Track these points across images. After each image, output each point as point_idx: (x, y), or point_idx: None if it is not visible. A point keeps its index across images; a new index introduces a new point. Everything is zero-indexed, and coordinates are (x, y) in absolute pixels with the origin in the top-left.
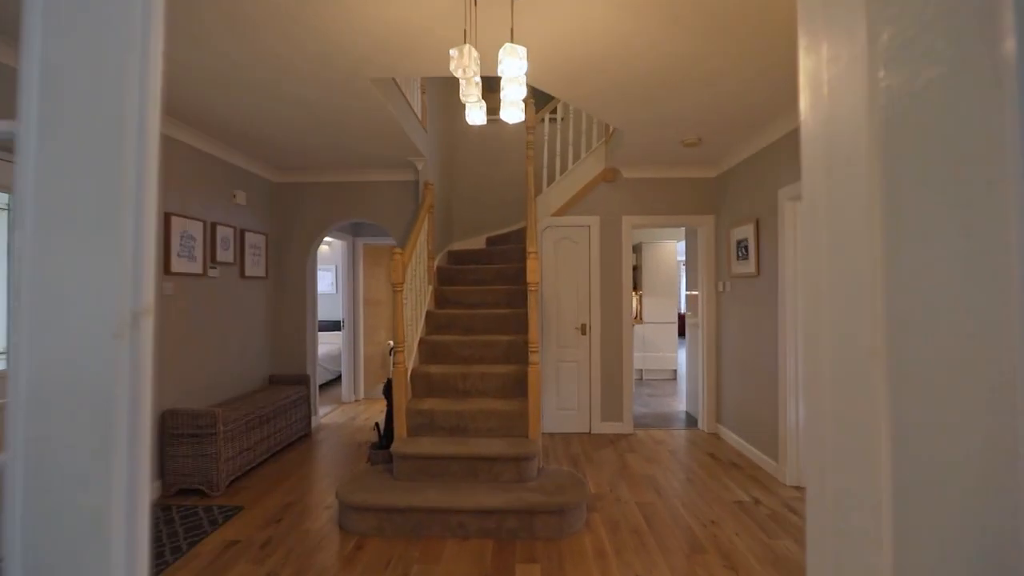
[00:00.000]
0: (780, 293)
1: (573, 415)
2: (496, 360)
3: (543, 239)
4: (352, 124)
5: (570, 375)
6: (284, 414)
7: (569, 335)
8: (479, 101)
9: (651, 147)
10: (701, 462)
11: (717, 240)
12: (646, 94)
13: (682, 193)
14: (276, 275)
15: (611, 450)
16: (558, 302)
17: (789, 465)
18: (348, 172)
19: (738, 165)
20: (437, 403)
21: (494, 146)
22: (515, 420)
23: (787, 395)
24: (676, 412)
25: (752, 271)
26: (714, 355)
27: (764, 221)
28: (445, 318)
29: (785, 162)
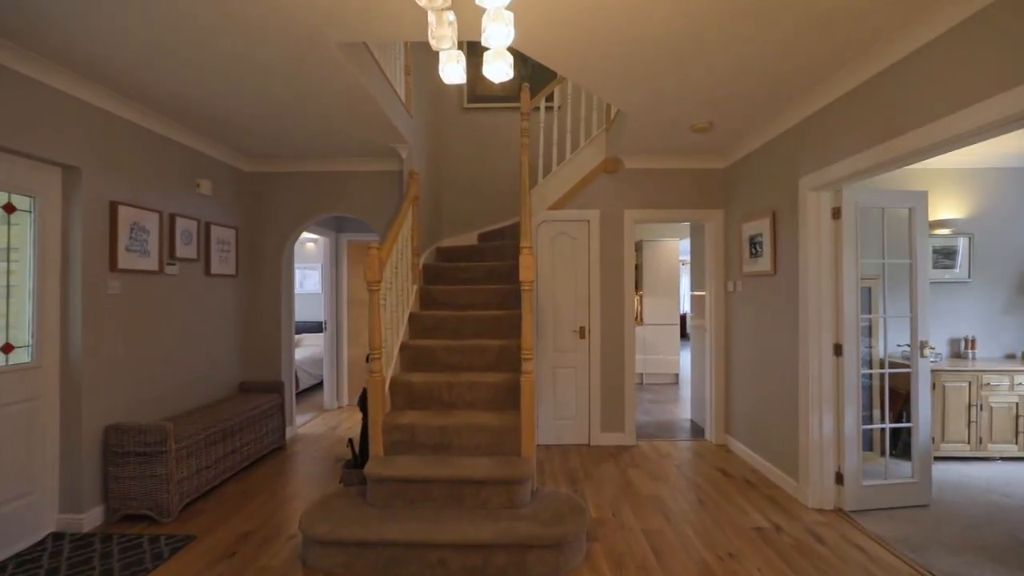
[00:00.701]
0: (801, 294)
1: (571, 425)
2: (486, 367)
3: (538, 234)
4: (324, 101)
5: (567, 382)
6: (253, 426)
7: (566, 339)
8: (455, 50)
9: (656, 133)
10: (711, 479)
11: (727, 236)
12: (653, 64)
13: (689, 185)
14: (248, 273)
15: (612, 465)
16: (555, 303)
17: (812, 485)
18: (327, 161)
19: (751, 154)
20: (419, 416)
21: (486, 136)
22: (506, 436)
23: (810, 407)
24: (680, 420)
25: (767, 269)
26: (723, 360)
27: (782, 214)
28: (431, 320)
29: (809, 146)
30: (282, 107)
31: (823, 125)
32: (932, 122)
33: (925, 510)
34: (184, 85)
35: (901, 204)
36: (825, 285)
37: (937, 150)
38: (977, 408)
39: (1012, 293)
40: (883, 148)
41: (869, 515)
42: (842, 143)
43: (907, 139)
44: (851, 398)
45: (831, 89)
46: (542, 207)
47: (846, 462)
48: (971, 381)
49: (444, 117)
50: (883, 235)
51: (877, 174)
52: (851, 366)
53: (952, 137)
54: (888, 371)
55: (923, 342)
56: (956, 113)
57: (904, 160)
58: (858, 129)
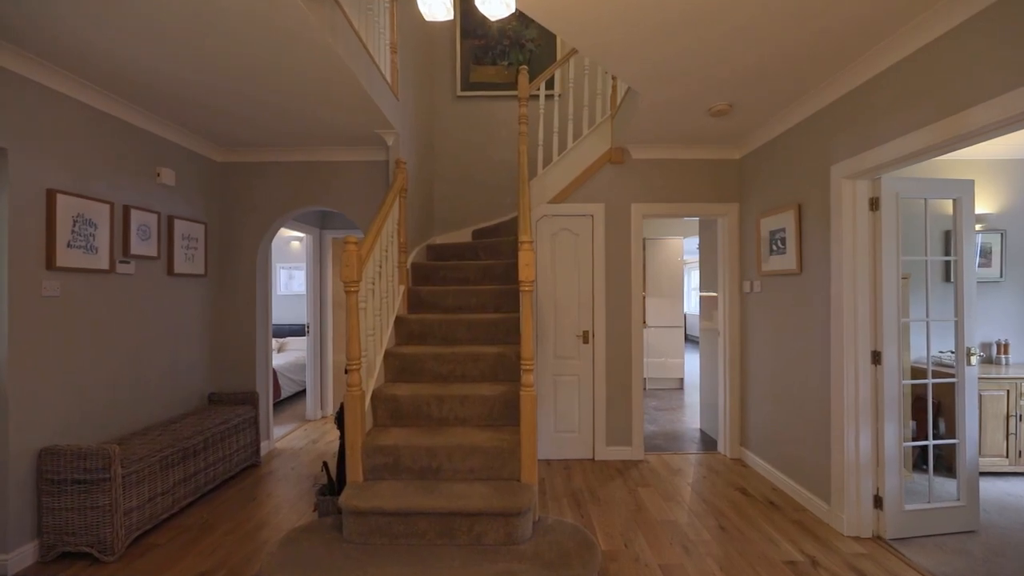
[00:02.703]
0: (835, 294)
1: (574, 438)
2: (481, 378)
3: (538, 230)
4: (295, 73)
5: (570, 392)
6: (221, 443)
7: (569, 344)
8: None
9: (668, 118)
10: (731, 500)
11: (742, 232)
12: (666, 24)
13: (701, 177)
14: (220, 272)
15: (620, 484)
16: (556, 305)
17: (847, 509)
18: (307, 150)
19: (772, 141)
20: (404, 435)
21: (481, 126)
22: (504, 458)
23: (845, 422)
24: (689, 431)
25: (792, 267)
26: (738, 367)
27: (809, 206)
28: (419, 325)
29: (845, 129)
30: (249, 80)
31: (864, 103)
32: (1003, 94)
33: (974, 537)
34: (129, 48)
35: (945, 194)
36: (861, 285)
37: (1006, 127)
38: (1016, 419)
39: None
40: (939, 127)
41: (913, 544)
42: (887, 123)
43: (969, 115)
44: (892, 412)
45: (877, 59)
46: (542, 200)
47: (886, 484)
48: (1009, 389)
49: (436, 106)
50: (925, 228)
51: (927, 158)
52: (892, 376)
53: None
54: (932, 381)
55: (968, 348)
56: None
57: (964, 140)
58: (908, 106)
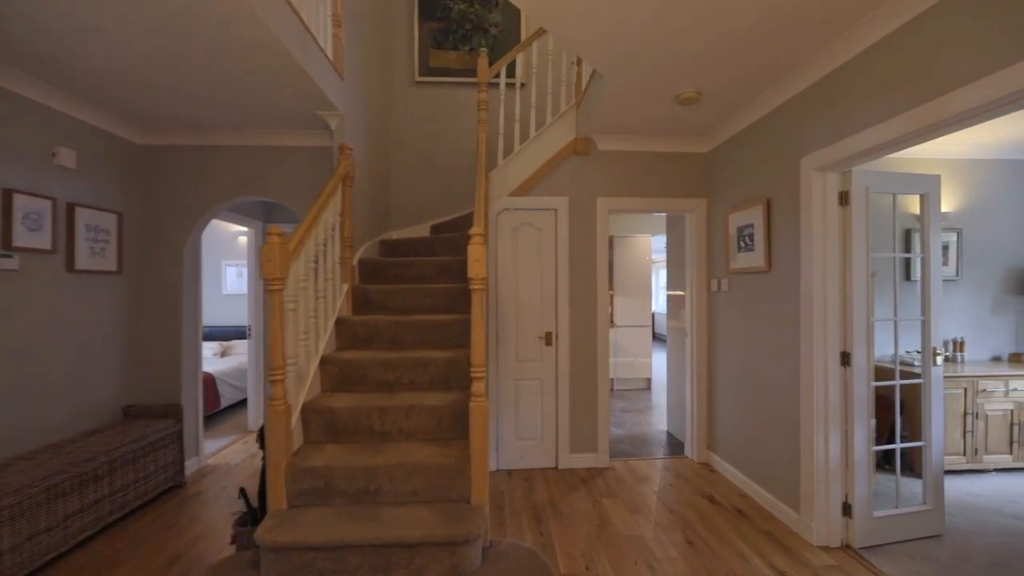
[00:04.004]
0: (804, 293)
1: (536, 446)
2: (430, 386)
3: (498, 224)
4: (206, 31)
5: (532, 397)
6: (134, 463)
7: (531, 346)
8: None
9: (635, 104)
10: (699, 510)
11: (710, 228)
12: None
13: (668, 171)
14: (139, 269)
15: (584, 495)
16: (517, 305)
17: (817, 518)
18: (244, 133)
19: (741, 133)
20: (339, 454)
21: (442, 114)
22: (452, 476)
23: (814, 427)
24: (656, 433)
25: (760, 265)
26: (705, 369)
27: (778, 201)
28: (364, 328)
29: (815, 118)
30: (158, 31)
31: (837, 90)
32: (985, 76)
33: (940, 542)
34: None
35: (914, 189)
36: (831, 283)
37: (987, 113)
38: (973, 417)
39: (999, 292)
40: (916, 114)
41: (882, 553)
42: (861, 111)
43: (948, 101)
44: (861, 415)
45: (852, 41)
46: (503, 193)
47: (855, 490)
48: (967, 388)
49: (393, 91)
50: (894, 224)
51: (902, 147)
52: (861, 378)
53: (1012, 94)
54: (900, 382)
55: (934, 348)
56: (1018, 63)
57: (942, 128)
58: (884, 92)
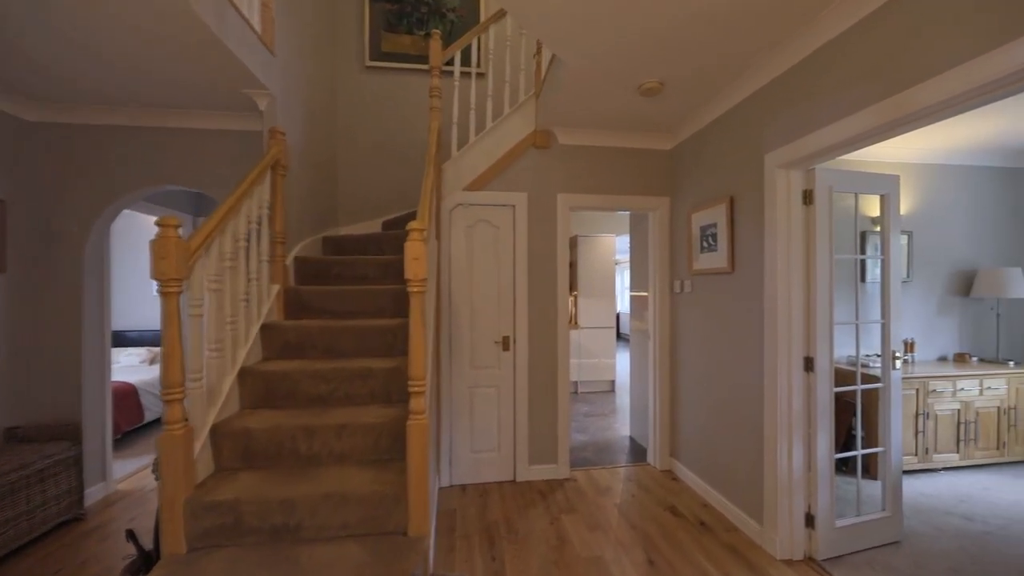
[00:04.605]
0: (768, 295)
1: (493, 458)
2: (370, 399)
3: (452, 221)
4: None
5: (488, 406)
6: (12, 496)
7: (487, 352)
8: None
9: (596, 93)
10: (661, 524)
11: (673, 228)
12: None
13: (631, 168)
14: (25, 267)
15: (543, 511)
16: (472, 308)
17: (780, 531)
18: (160, 112)
19: (705, 129)
20: (255, 484)
21: (395, 103)
22: (388, 506)
23: (778, 435)
24: (619, 439)
25: (723, 266)
26: (668, 373)
27: (742, 200)
28: (297, 334)
29: (780, 113)
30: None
31: (803, 83)
32: (955, 67)
33: (899, 549)
34: None
35: (875, 189)
36: (795, 285)
37: (955, 106)
38: (924, 417)
39: (945, 294)
40: (883, 107)
41: (844, 564)
42: (827, 105)
43: (915, 94)
44: (824, 422)
45: (816, 32)
46: (457, 187)
47: (819, 500)
48: (918, 388)
49: (340, 75)
50: (856, 224)
51: (867, 144)
52: (824, 383)
53: (982, 86)
54: (861, 387)
55: (893, 351)
56: (989, 53)
57: (909, 122)
58: (851, 84)
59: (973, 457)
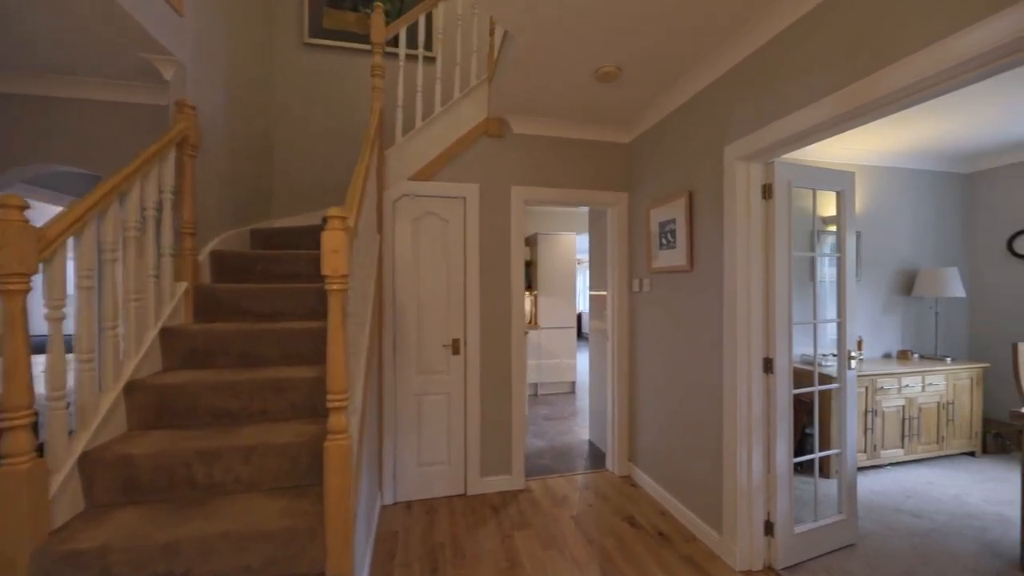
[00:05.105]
0: (727, 293)
1: (442, 472)
2: (291, 414)
3: (396, 212)
4: None
5: (437, 414)
6: None
7: (436, 356)
8: None
9: (551, 77)
10: (619, 536)
11: (632, 224)
12: None
13: (589, 161)
14: None
15: (494, 528)
16: (419, 308)
17: (740, 540)
18: (40, 79)
19: (664, 121)
20: (131, 524)
21: (340, 85)
22: (302, 542)
23: (737, 440)
24: (578, 443)
25: (682, 263)
26: (627, 375)
27: (701, 194)
28: (206, 340)
29: (740, 102)
30: None
31: (761, 71)
32: (928, 46)
33: (854, 552)
34: None
35: (832, 185)
36: (755, 283)
37: (926, 90)
38: (872, 414)
39: (890, 293)
40: (847, 94)
41: (802, 570)
42: (789, 92)
43: (884, 77)
44: (783, 425)
45: (778, 13)
46: (402, 175)
47: (778, 507)
48: (868, 386)
49: (276, 51)
50: (813, 221)
51: (828, 134)
52: (783, 385)
53: (952, 68)
54: (819, 388)
55: (849, 351)
56: (959, 32)
57: (874, 109)
58: (810, 71)
59: (916, 452)
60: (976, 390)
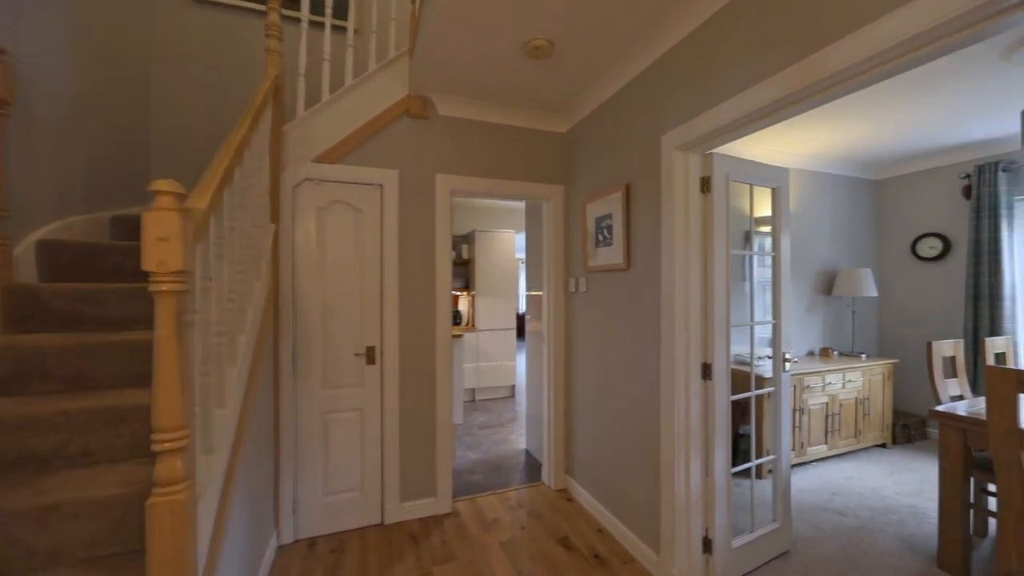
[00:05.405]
0: (664, 295)
1: (354, 500)
2: (128, 454)
3: (296, 200)
4: None
5: (349, 434)
6: None
7: (346, 367)
8: None
9: (478, 52)
10: (552, 562)
11: (568, 220)
12: None
13: (523, 151)
14: None
15: (411, 564)
16: (326, 313)
17: (678, 560)
18: None
19: (600, 109)
20: None
21: (241, 58)
22: None
23: (675, 452)
24: (514, 454)
25: (619, 262)
26: (562, 380)
27: (639, 188)
28: (16, 357)
29: (678, 86)
30: None
31: (700, 52)
32: (874, 20)
33: (788, 560)
34: None
35: (769, 181)
36: (693, 282)
37: (875, 68)
38: (800, 412)
39: (812, 293)
40: (790, 74)
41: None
42: (725, 75)
43: (830, 54)
44: (721, 435)
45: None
46: (305, 156)
47: (716, 522)
48: (796, 385)
49: (159, 8)
50: (751, 216)
51: (768, 120)
52: (721, 392)
53: (904, 42)
54: (755, 392)
55: (784, 353)
56: (902, 7)
57: (815, 92)
58: (752, 48)
59: (838, 447)
60: (887, 385)
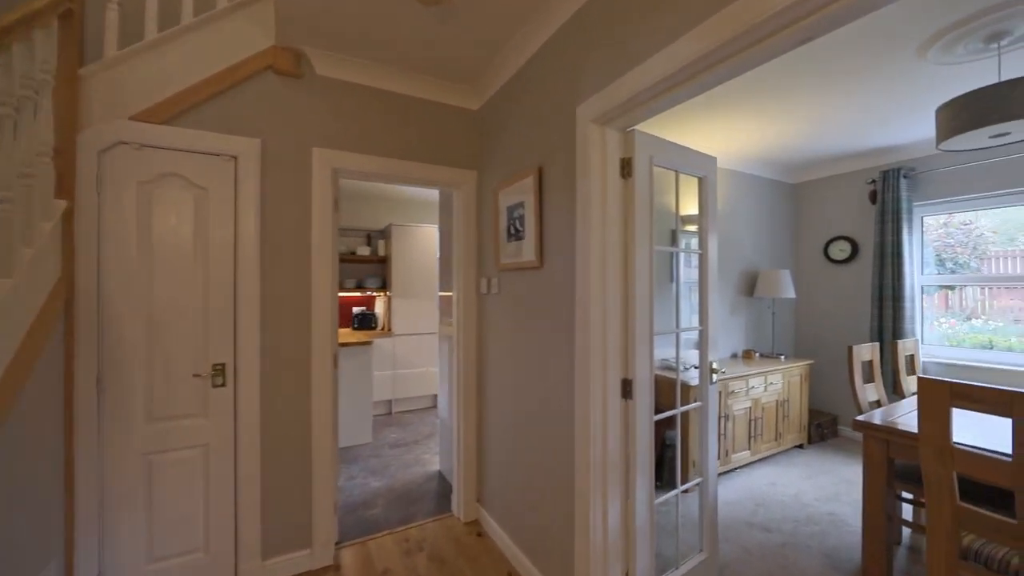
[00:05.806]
0: (579, 300)
1: (196, 564)
2: None
3: (104, 169)
4: None
5: (186, 478)
6: None
7: (184, 392)
8: None
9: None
10: None
11: (480, 210)
12: None
13: (430, 128)
14: None
15: None
16: (152, 323)
17: None
18: None
19: (512, 81)
20: None
21: None
22: None
23: (591, 486)
24: (425, 479)
25: (531, 258)
26: (474, 395)
27: (552, 171)
28: None
29: (592, 48)
30: None
31: (615, 5)
32: None
33: None
34: None
35: (695, 168)
36: (613, 283)
37: (799, 22)
38: (725, 419)
39: (736, 294)
40: (713, 24)
41: None
42: (644, 30)
43: (751, 3)
44: (643, 462)
45: None
46: (118, 113)
47: (637, 563)
48: (721, 391)
49: None
50: (676, 214)
51: (694, 85)
52: (644, 412)
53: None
54: (681, 409)
55: (711, 363)
56: None
57: (747, 45)
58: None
59: (760, 451)
60: (804, 386)
